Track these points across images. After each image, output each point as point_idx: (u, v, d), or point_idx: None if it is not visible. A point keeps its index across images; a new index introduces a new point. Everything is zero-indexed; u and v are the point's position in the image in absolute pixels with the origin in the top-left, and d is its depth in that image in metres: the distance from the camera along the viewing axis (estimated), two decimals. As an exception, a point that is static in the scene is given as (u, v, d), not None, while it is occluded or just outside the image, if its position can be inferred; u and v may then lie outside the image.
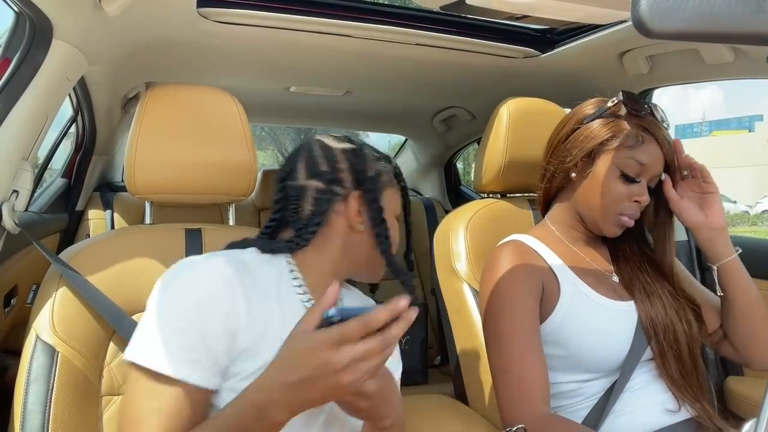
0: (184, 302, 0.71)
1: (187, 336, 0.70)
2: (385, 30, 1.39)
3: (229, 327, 0.72)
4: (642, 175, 1.02)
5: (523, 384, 0.95)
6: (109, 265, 1.00)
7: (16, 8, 1.01)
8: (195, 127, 0.99)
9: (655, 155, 1.02)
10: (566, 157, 1.07)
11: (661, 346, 1.02)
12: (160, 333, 0.70)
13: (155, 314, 0.71)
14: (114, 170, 2.46)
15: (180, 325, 0.70)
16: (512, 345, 0.98)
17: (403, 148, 3.39)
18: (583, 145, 1.05)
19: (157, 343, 0.69)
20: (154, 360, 0.68)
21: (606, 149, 1.03)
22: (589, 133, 1.05)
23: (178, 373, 0.68)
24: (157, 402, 0.68)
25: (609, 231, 1.06)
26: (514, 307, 1.00)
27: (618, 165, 1.02)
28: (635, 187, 1.02)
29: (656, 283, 1.07)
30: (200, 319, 0.70)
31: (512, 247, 1.08)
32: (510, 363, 0.97)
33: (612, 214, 1.04)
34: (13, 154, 1.02)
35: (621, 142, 1.02)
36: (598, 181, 1.04)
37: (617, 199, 1.02)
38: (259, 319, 0.75)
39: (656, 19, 0.38)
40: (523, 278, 1.03)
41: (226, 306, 0.72)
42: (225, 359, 0.72)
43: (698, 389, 1.03)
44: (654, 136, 1.02)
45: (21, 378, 0.91)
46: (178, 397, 0.68)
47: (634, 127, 1.02)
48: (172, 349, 0.69)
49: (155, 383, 0.68)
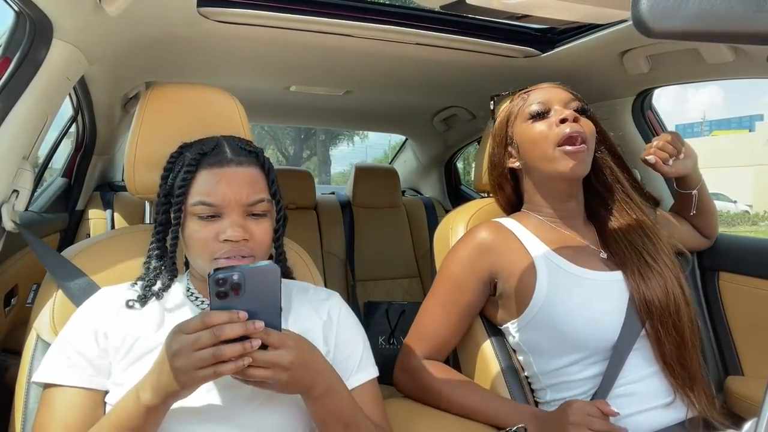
0: (68, 325, 0.85)
1: (65, 347, 0.82)
2: (386, 30, 1.39)
3: (98, 335, 0.83)
4: (549, 106, 1.11)
5: (425, 336, 1.13)
6: (110, 264, 1.00)
7: (17, 8, 1.01)
8: (195, 126, 0.99)
9: (547, 91, 1.14)
10: (498, 162, 1.21)
11: (657, 330, 1.02)
12: (50, 353, 0.83)
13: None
14: (114, 170, 2.46)
15: (62, 342, 0.83)
16: (431, 310, 1.14)
17: (403, 148, 3.39)
18: (499, 137, 1.20)
19: (46, 361, 0.82)
20: (44, 374, 0.81)
21: (512, 125, 1.16)
22: (497, 127, 1.21)
23: (58, 378, 0.80)
24: (50, 411, 0.79)
25: (564, 166, 1.08)
26: (451, 283, 1.13)
27: (525, 117, 1.13)
28: (550, 119, 1.10)
29: (652, 257, 1.08)
30: (74, 333, 0.83)
31: (487, 229, 1.14)
32: (420, 323, 1.15)
33: (551, 150, 1.08)
34: (13, 153, 1.02)
35: (517, 109, 1.16)
36: (525, 141, 1.13)
37: (545, 136, 1.09)
38: (131, 326, 0.85)
39: (656, 18, 0.38)
40: (474, 261, 1.11)
41: (95, 320, 0.84)
42: (100, 361, 0.82)
43: (697, 378, 1.03)
44: (537, 87, 1.16)
45: (21, 378, 0.91)
46: (69, 402, 0.79)
47: (518, 97, 1.18)
48: (55, 360, 0.81)
49: (48, 395, 0.81)
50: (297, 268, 1.08)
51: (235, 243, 0.81)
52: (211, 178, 0.83)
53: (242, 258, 0.82)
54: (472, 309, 1.15)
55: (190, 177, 0.83)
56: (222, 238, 0.81)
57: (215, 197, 0.82)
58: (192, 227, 0.83)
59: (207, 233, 0.81)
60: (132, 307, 0.87)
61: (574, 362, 1.05)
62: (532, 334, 1.08)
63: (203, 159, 0.84)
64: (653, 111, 1.71)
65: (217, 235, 0.81)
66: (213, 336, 0.67)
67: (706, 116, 79.04)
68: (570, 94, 1.13)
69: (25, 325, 0.97)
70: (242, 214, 0.83)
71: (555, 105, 1.11)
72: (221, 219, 0.82)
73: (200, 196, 0.82)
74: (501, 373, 1.11)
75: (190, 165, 0.84)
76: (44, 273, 0.99)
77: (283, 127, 20.51)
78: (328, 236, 2.55)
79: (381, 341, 2.29)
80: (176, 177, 0.86)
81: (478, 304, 1.15)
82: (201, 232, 0.82)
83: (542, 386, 1.10)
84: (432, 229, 1.65)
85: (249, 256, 0.83)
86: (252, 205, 0.83)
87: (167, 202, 0.88)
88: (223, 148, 0.86)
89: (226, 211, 0.82)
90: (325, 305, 0.95)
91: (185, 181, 0.83)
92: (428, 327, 1.14)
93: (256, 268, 0.70)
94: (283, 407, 0.82)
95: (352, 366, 0.92)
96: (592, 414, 0.91)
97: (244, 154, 0.87)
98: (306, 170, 2.79)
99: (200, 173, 0.84)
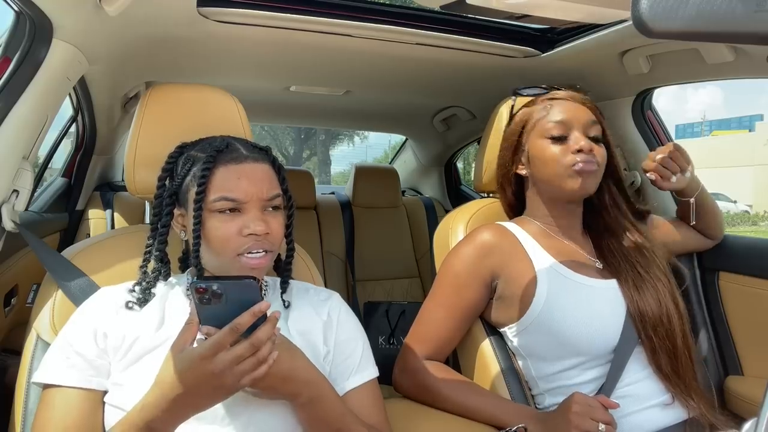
0: (67, 325, 0.85)
1: (64, 348, 0.82)
2: (386, 30, 1.39)
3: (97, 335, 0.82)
4: (569, 130, 1.09)
5: (426, 336, 1.12)
6: (110, 264, 1.00)
7: (17, 8, 1.01)
8: (195, 126, 0.99)
9: (569, 108, 1.11)
10: (503, 162, 1.19)
11: (652, 341, 1.04)
12: (49, 353, 0.83)
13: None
14: (114, 170, 2.46)
15: (61, 342, 0.83)
16: (433, 311, 1.13)
17: (403, 148, 3.39)
18: (511, 142, 1.17)
19: (46, 361, 0.82)
20: (43, 374, 0.81)
21: (528, 133, 1.14)
22: (511, 131, 1.18)
23: (58, 379, 0.79)
24: (49, 411, 0.79)
25: (572, 186, 1.08)
26: (452, 283, 1.12)
27: (543, 134, 1.11)
28: (569, 141, 1.09)
29: (646, 269, 1.10)
30: (73, 333, 0.83)
31: (490, 231, 1.13)
32: (422, 324, 1.14)
33: (564, 171, 1.08)
34: (13, 153, 1.02)
35: (535, 120, 1.13)
36: (538, 157, 1.12)
37: (559, 158, 1.09)
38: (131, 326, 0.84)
39: (656, 18, 0.38)
40: (476, 261, 1.11)
41: (94, 320, 0.84)
42: (99, 361, 0.81)
43: (693, 385, 1.04)
44: (560, 99, 1.13)
45: (22, 378, 0.91)
46: (68, 402, 0.79)
47: (541, 102, 1.14)
48: (55, 361, 0.81)
49: (48, 395, 0.80)
50: (297, 268, 1.08)
51: (257, 237, 0.82)
52: (231, 174, 0.83)
53: (264, 252, 0.83)
54: (474, 310, 1.14)
55: (208, 174, 0.83)
56: (246, 233, 0.82)
57: (238, 192, 0.82)
58: (213, 224, 0.82)
59: (229, 229, 0.82)
60: (131, 308, 0.87)
61: (572, 366, 1.05)
62: (530, 338, 1.08)
63: (219, 156, 0.84)
64: (653, 111, 1.71)
65: (240, 230, 0.82)
66: (252, 346, 0.69)
67: (706, 116, 79.08)
68: (592, 116, 1.11)
69: (25, 325, 0.97)
70: (261, 208, 0.84)
71: (575, 130, 1.09)
72: (242, 214, 0.83)
73: (222, 192, 0.82)
74: (501, 374, 1.11)
75: (207, 162, 0.83)
76: (44, 273, 0.99)
77: (283, 127, 20.51)
78: (328, 236, 2.55)
79: (381, 341, 2.29)
80: (185, 176, 0.86)
81: (480, 306, 1.14)
82: (222, 228, 0.82)
83: (540, 391, 1.11)
84: (432, 229, 1.64)
85: (270, 251, 0.84)
86: (270, 200, 0.84)
87: (172, 203, 0.87)
88: (236, 146, 0.87)
89: (247, 207, 0.83)
90: (325, 305, 0.95)
91: (204, 179, 0.82)
92: (429, 327, 1.13)
93: (237, 282, 0.70)
94: (284, 408, 0.82)
95: (352, 366, 0.92)
96: (593, 405, 0.92)
97: (257, 151, 0.88)
98: (306, 170, 2.79)
99: (218, 170, 0.83)
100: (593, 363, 1.04)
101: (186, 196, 0.86)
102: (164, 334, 0.83)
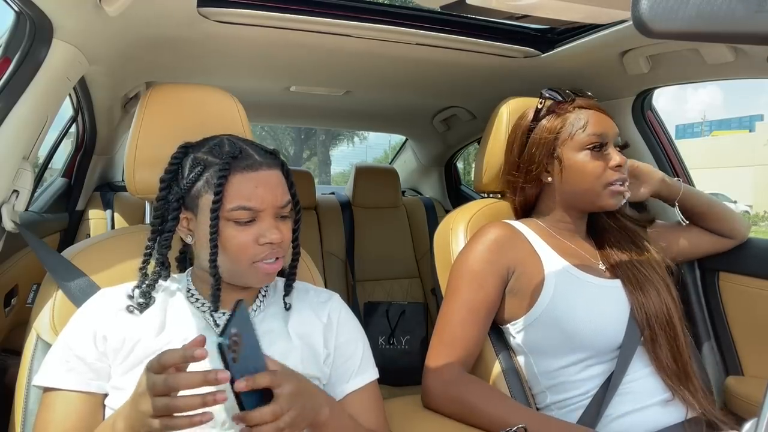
0: (67, 328, 0.85)
1: (64, 351, 0.82)
2: (386, 30, 1.39)
3: (97, 338, 0.82)
4: (604, 143, 1.11)
5: (455, 340, 1.07)
6: (110, 264, 1.00)
7: (17, 8, 1.01)
8: (195, 126, 0.99)
9: (603, 121, 1.13)
10: (531, 166, 1.16)
11: (654, 340, 1.05)
12: (49, 356, 0.84)
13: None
14: (114, 170, 2.46)
15: (61, 345, 0.83)
16: (457, 312, 1.09)
17: (403, 148, 3.39)
18: (542, 149, 1.14)
19: (46, 364, 0.83)
20: (43, 377, 0.81)
21: (564, 140, 1.12)
22: (541, 136, 1.15)
23: (57, 383, 0.80)
24: (49, 414, 0.79)
25: (609, 204, 1.11)
26: (472, 282, 1.09)
27: (582, 145, 1.11)
28: (607, 155, 1.11)
29: (647, 270, 1.12)
30: (73, 336, 0.83)
31: (499, 227, 1.14)
32: (448, 327, 1.09)
33: (602, 188, 1.10)
34: (13, 153, 1.02)
35: (572, 127, 1.12)
36: (574, 169, 1.11)
37: (599, 173, 1.10)
38: (131, 329, 0.84)
39: (657, 18, 0.38)
40: (492, 257, 1.10)
41: (94, 323, 0.83)
42: (99, 364, 0.82)
43: (694, 383, 1.05)
44: (591, 108, 1.14)
45: (22, 378, 0.91)
46: (68, 406, 0.79)
47: (572, 110, 1.13)
48: (55, 364, 0.82)
49: (48, 398, 0.81)
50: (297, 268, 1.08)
51: (272, 246, 0.82)
52: (248, 182, 0.81)
53: (277, 259, 0.83)
54: (494, 307, 1.11)
55: (224, 181, 0.80)
56: (263, 242, 0.81)
57: (256, 201, 0.81)
58: (230, 232, 0.81)
59: (246, 237, 0.81)
60: (132, 312, 0.86)
61: (576, 362, 1.06)
62: (535, 333, 1.09)
63: (234, 162, 0.81)
64: (653, 111, 1.71)
65: (256, 239, 0.81)
66: (166, 386, 0.63)
67: (706, 116, 78.98)
68: (616, 127, 1.14)
69: (25, 325, 0.97)
70: (275, 216, 0.83)
71: (609, 139, 1.12)
72: (257, 222, 0.82)
73: (239, 200, 0.80)
74: (502, 373, 1.11)
75: (223, 169, 0.80)
76: (44, 273, 0.99)
77: (283, 127, 20.51)
78: (328, 236, 2.55)
79: (381, 341, 2.30)
80: (196, 180, 0.83)
81: (497, 302, 1.12)
82: (239, 236, 0.81)
83: (541, 389, 1.11)
84: (432, 229, 1.65)
85: (282, 256, 0.84)
86: (283, 207, 0.84)
87: (178, 207, 0.85)
88: (249, 151, 0.84)
89: (262, 215, 0.82)
90: (325, 307, 0.95)
91: (221, 186, 0.79)
92: (455, 329, 1.08)
93: (238, 314, 0.66)
94: None
95: (353, 368, 0.91)
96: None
97: (269, 157, 0.86)
98: (306, 170, 2.79)
99: (234, 177, 0.81)
100: (597, 360, 1.05)
101: (197, 201, 0.83)
102: (165, 338, 0.83)
